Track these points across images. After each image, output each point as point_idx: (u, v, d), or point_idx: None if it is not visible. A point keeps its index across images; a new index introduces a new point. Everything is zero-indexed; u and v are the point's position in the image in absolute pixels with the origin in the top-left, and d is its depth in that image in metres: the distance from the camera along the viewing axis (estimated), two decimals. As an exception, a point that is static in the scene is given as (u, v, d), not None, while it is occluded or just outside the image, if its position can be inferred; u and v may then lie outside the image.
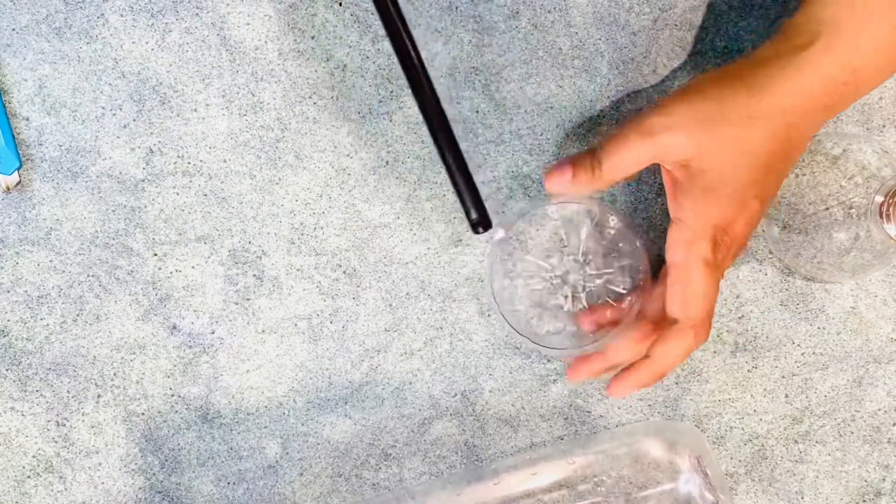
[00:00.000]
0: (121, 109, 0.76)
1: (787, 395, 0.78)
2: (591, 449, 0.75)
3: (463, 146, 0.76)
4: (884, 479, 0.78)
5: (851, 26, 0.65)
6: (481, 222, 0.69)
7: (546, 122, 0.76)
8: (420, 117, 0.76)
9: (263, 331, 0.76)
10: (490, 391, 0.77)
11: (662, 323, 0.70)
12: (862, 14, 0.65)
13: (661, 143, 0.66)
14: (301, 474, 0.77)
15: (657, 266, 0.73)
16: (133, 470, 0.76)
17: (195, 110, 0.76)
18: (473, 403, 0.77)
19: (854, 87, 0.66)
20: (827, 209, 0.72)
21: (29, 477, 0.76)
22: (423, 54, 0.70)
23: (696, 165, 0.66)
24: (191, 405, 0.76)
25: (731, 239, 0.67)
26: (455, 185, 0.70)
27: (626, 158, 0.68)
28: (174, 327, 0.76)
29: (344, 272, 0.76)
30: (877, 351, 0.78)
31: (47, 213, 0.76)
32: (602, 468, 0.75)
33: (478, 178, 0.71)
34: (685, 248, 0.67)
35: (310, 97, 0.76)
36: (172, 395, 0.76)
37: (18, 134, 0.76)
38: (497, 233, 0.73)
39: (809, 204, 0.73)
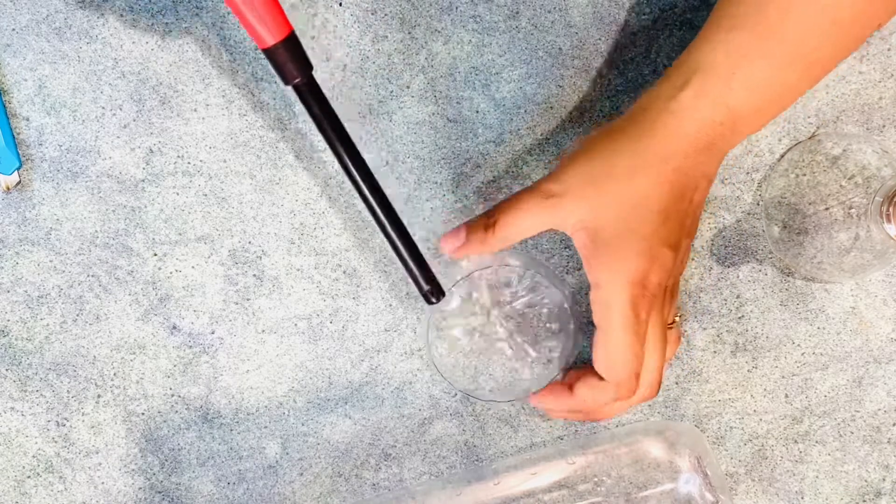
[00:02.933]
0: (121, 109, 0.76)
1: (787, 395, 0.78)
2: (591, 449, 0.75)
3: (463, 146, 0.76)
4: (884, 479, 0.78)
5: (725, 67, 0.66)
6: (434, 292, 0.70)
7: (546, 122, 0.76)
8: (419, 117, 0.76)
9: (263, 331, 0.76)
10: (490, 391, 0.77)
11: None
12: (735, 56, 0.66)
13: (555, 207, 0.68)
14: (301, 474, 0.77)
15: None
16: (133, 470, 0.76)
17: (195, 110, 0.76)
18: (473, 403, 0.77)
19: (732, 127, 0.67)
20: (827, 209, 0.72)
21: (29, 477, 0.76)
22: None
23: (593, 226, 0.67)
24: (191, 405, 0.76)
25: (651, 291, 0.67)
26: (402, 259, 0.69)
27: (521, 223, 0.69)
28: (174, 327, 0.76)
29: (344, 272, 0.76)
30: (877, 351, 0.78)
31: (47, 213, 0.76)
32: (602, 468, 0.75)
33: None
34: (603, 312, 0.67)
35: (310, 97, 0.76)
36: (172, 395, 0.76)
37: (18, 134, 0.76)
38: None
39: (809, 204, 0.73)
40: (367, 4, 0.76)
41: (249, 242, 0.76)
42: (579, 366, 0.75)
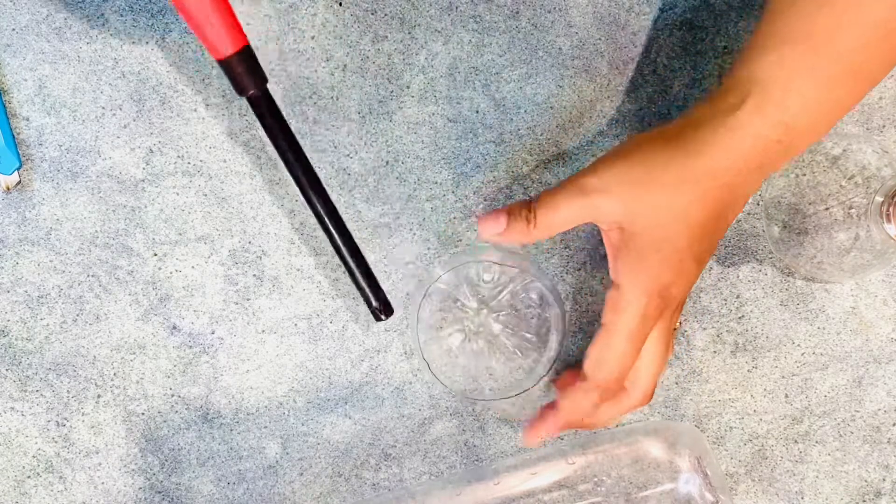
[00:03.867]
0: (121, 109, 0.76)
1: (787, 395, 0.78)
2: (591, 449, 0.75)
3: (463, 146, 0.76)
4: (884, 479, 0.78)
5: (782, 83, 0.65)
6: (383, 310, 0.71)
7: (546, 122, 0.76)
8: (419, 117, 0.76)
9: (263, 331, 0.76)
10: (490, 391, 0.77)
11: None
12: (790, 70, 0.65)
13: (593, 204, 0.66)
14: (301, 474, 0.77)
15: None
16: (133, 470, 0.76)
17: (195, 110, 0.76)
18: (474, 403, 0.77)
19: (787, 146, 0.66)
20: (827, 209, 0.72)
21: (29, 477, 0.76)
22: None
23: (629, 229, 0.66)
24: (191, 405, 0.76)
25: (666, 303, 0.67)
26: (352, 274, 0.70)
27: (559, 215, 0.68)
28: (174, 327, 0.76)
29: (344, 272, 0.76)
30: (877, 351, 0.78)
31: (47, 213, 0.76)
32: (602, 468, 0.75)
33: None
34: (613, 313, 0.67)
35: (310, 97, 0.76)
36: (172, 395, 0.76)
37: (18, 134, 0.76)
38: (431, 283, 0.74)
39: (809, 204, 0.73)
40: (367, 4, 0.76)
41: (249, 242, 0.76)
42: (563, 374, 0.76)
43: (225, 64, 0.65)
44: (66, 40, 0.75)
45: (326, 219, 0.69)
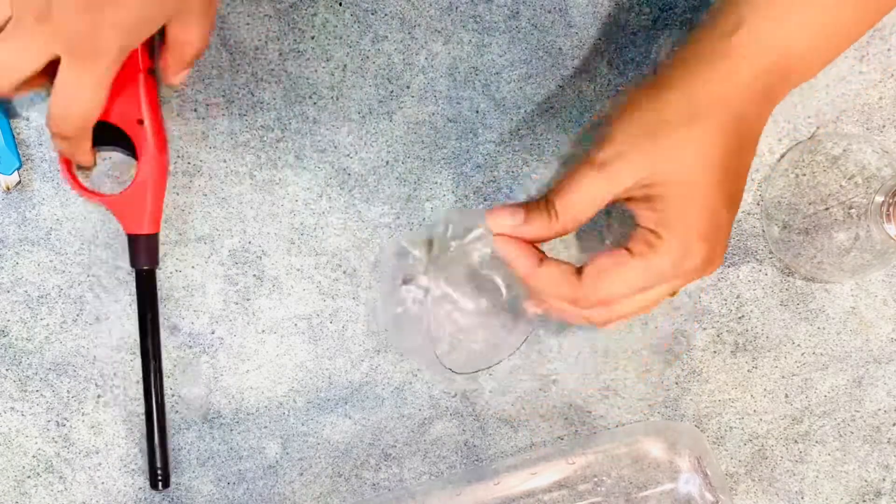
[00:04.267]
0: (121, 109, 0.76)
1: (787, 395, 0.78)
2: (591, 449, 0.75)
3: (463, 146, 0.76)
4: (884, 479, 0.78)
5: (779, 7, 0.62)
6: (163, 480, 0.75)
7: (546, 122, 0.76)
8: (419, 117, 0.76)
9: (263, 331, 0.76)
10: (490, 391, 0.77)
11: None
12: None
13: (613, 175, 0.63)
14: (301, 474, 0.77)
15: None
16: (133, 470, 0.76)
17: (195, 110, 0.76)
18: (473, 403, 0.77)
19: (787, 71, 0.63)
20: (827, 209, 0.72)
21: (29, 477, 0.76)
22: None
23: (654, 186, 0.63)
24: (191, 405, 0.76)
25: (694, 259, 0.64)
26: (151, 437, 0.74)
27: (580, 201, 0.64)
28: (174, 327, 0.76)
29: (344, 272, 0.76)
30: (877, 351, 0.78)
31: (47, 213, 0.76)
32: (602, 468, 0.75)
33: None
34: (647, 247, 0.64)
35: (310, 97, 0.76)
36: (172, 395, 0.76)
37: (18, 134, 0.75)
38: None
39: (809, 204, 0.73)
40: (367, 4, 0.76)
41: (249, 242, 0.76)
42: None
43: (136, 239, 0.73)
44: (66, 40, 0.75)
45: (153, 390, 0.74)
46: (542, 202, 0.65)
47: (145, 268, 0.74)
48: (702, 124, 0.63)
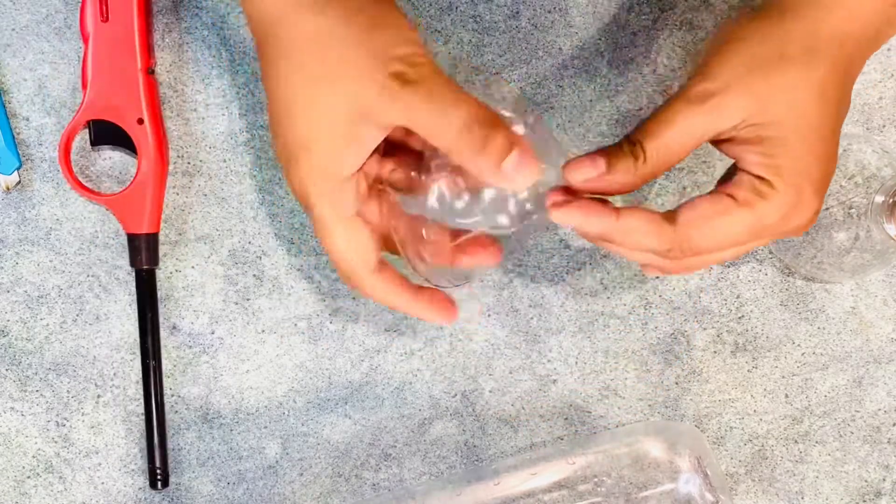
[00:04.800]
0: (121, 109, 0.76)
1: (787, 395, 0.78)
2: (591, 449, 0.75)
3: (463, 146, 0.76)
4: (884, 479, 0.78)
5: None
6: (163, 479, 0.75)
7: (546, 121, 0.76)
8: (420, 117, 0.76)
9: (263, 331, 0.76)
10: (490, 391, 0.77)
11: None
12: None
13: (717, 110, 0.57)
14: (301, 474, 0.77)
15: None
16: (133, 470, 0.76)
17: (195, 110, 0.76)
18: (473, 403, 0.77)
19: (894, 17, 0.59)
20: (827, 209, 0.72)
21: (29, 477, 0.76)
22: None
23: (763, 122, 0.57)
24: (191, 405, 0.76)
25: (806, 203, 0.58)
26: (150, 435, 0.74)
27: (676, 138, 0.57)
28: (174, 327, 0.76)
29: (344, 272, 0.76)
30: (877, 351, 0.78)
31: (47, 213, 0.76)
32: (602, 468, 0.75)
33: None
34: (757, 196, 0.58)
35: (310, 97, 0.76)
36: (172, 395, 0.76)
37: (18, 134, 0.76)
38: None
39: (809, 204, 0.73)
40: (367, 4, 0.75)
41: (249, 242, 0.76)
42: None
43: (136, 238, 0.73)
44: (66, 40, 0.75)
45: (153, 389, 0.74)
46: (624, 144, 0.58)
47: (145, 267, 0.74)
48: (822, 62, 0.57)
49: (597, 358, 0.77)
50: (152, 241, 0.74)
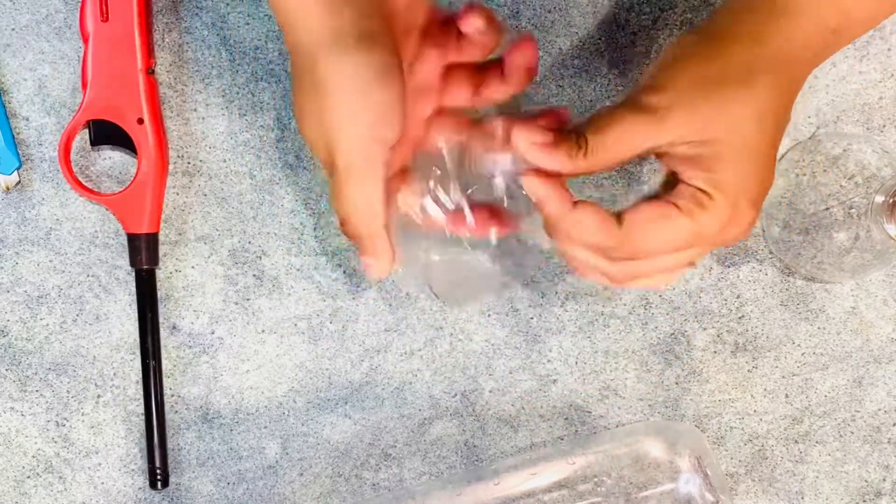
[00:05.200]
0: (121, 109, 0.76)
1: (787, 395, 0.78)
2: (591, 449, 0.75)
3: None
4: (884, 479, 0.78)
5: None
6: (163, 479, 0.75)
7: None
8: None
9: (263, 331, 0.76)
10: (490, 391, 0.77)
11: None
12: None
13: (662, 124, 0.59)
14: (301, 474, 0.77)
15: None
16: (133, 470, 0.76)
17: (195, 110, 0.76)
18: (473, 403, 0.77)
19: (840, 35, 0.61)
20: (827, 209, 0.72)
21: (29, 477, 0.76)
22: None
23: (704, 139, 0.59)
24: (191, 405, 0.76)
25: (741, 217, 0.61)
26: (150, 435, 0.75)
27: (619, 140, 0.59)
28: (174, 327, 0.76)
29: (344, 272, 0.76)
30: (877, 351, 0.78)
31: (47, 213, 0.76)
32: (602, 468, 0.75)
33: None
34: (695, 205, 0.60)
35: (310, 97, 0.76)
36: (172, 395, 0.76)
37: (18, 134, 0.76)
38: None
39: (810, 204, 0.73)
40: (367, 4, 0.75)
41: (249, 242, 0.76)
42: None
43: (136, 238, 0.74)
44: (66, 40, 0.75)
45: (153, 388, 0.75)
46: (572, 133, 0.60)
47: (145, 267, 0.74)
48: (762, 83, 0.59)
49: (597, 358, 0.77)
50: (152, 241, 0.74)
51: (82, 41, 0.73)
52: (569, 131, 0.60)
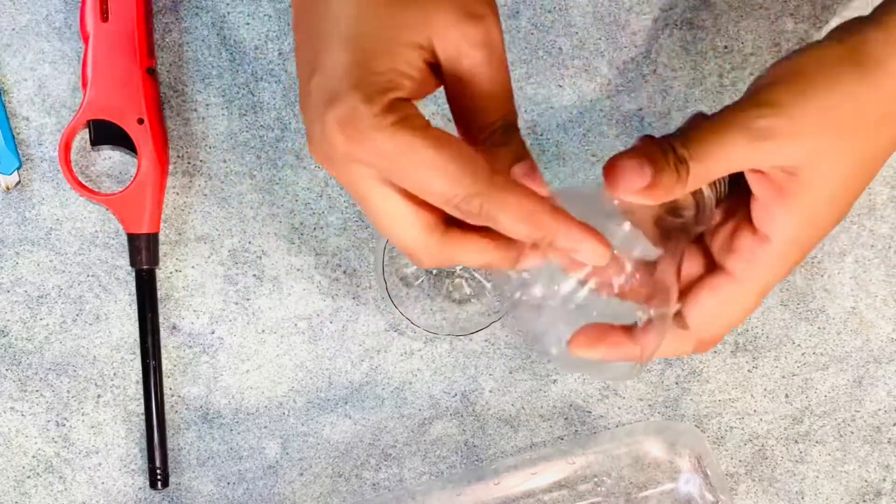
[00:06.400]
0: (121, 109, 0.76)
1: (787, 395, 0.78)
2: (591, 449, 0.75)
3: (463, 146, 0.76)
4: (884, 479, 0.78)
5: None
6: (163, 479, 0.75)
7: (546, 122, 0.76)
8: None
9: (263, 331, 0.76)
10: (490, 391, 0.77)
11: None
12: None
13: (777, 150, 0.51)
14: (301, 474, 0.77)
15: None
16: (133, 470, 0.76)
17: (195, 110, 0.76)
18: (473, 403, 0.77)
19: None
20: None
21: (29, 477, 0.76)
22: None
23: (804, 176, 0.52)
24: (191, 405, 0.76)
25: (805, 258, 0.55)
26: (150, 435, 0.74)
27: (724, 164, 0.52)
28: (174, 327, 0.76)
29: (344, 272, 0.76)
30: (877, 351, 0.78)
31: (47, 213, 0.76)
32: (602, 468, 0.75)
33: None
34: (750, 265, 0.55)
35: (310, 97, 0.76)
36: (172, 395, 0.76)
37: (18, 134, 0.76)
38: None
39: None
40: (367, 4, 0.75)
41: (249, 242, 0.76)
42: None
43: (136, 238, 0.74)
44: (66, 40, 0.75)
45: (153, 389, 0.75)
46: (670, 157, 0.52)
47: (145, 267, 0.74)
48: (886, 133, 0.52)
49: (597, 358, 0.77)
50: (152, 241, 0.74)
51: (82, 41, 0.73)
52: (664, 151, 0.52)
